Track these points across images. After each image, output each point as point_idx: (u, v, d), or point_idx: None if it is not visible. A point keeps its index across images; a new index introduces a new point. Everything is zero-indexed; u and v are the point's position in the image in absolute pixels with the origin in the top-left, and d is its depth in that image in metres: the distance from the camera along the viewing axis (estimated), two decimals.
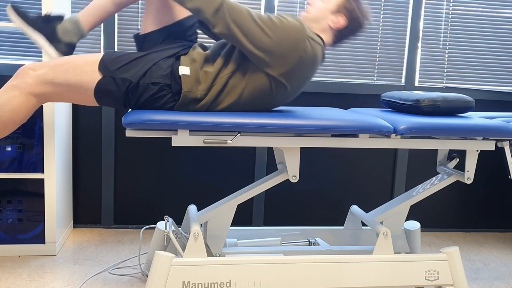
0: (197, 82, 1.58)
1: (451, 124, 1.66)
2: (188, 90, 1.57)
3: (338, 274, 1.63)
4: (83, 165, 2.49)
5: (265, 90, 1.61)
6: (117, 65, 1.56)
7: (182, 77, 1.57)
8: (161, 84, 1.57)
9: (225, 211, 1.74)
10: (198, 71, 1.59)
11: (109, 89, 1.56)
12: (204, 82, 1.59)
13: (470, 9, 2.64)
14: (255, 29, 1.52)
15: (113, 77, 1.55)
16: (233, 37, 1.52)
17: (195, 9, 1.50)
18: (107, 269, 2.03)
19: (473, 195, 2.79)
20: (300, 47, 1.56)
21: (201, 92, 1.59)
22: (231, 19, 1.50)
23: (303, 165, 2.63)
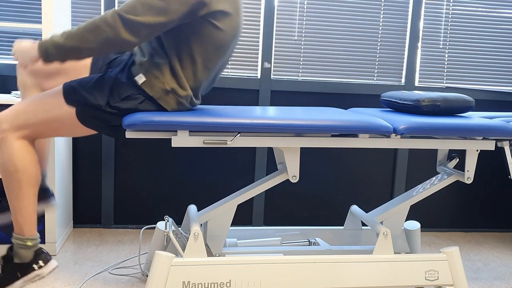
0: (157, 79, 1.55)
1: (451, 124, 1.66)
2: (156, 92, 1.55)
3: (338, 274, 1.63)
4: (83, 165, 2.49)
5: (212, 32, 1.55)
6: (81, 94, 1.55)
7: (143, 85, 1.55)
8: (134, 95, 1.55)
9: (225, 211, 1.74)
10: (151, 69, 1.55)
11: (90, 115, 1.55)
12: (164, 73, 1.55)
13: (470, 9, 2.64)
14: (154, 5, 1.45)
15: (84, 104, 1.54)
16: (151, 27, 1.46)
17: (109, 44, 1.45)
18: (107, 269, 2.03)
19: (473, 195, 2.79)
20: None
21: (169, 82, 1.55)
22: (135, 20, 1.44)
23: (303, 165, 2.63)
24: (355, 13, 2.57)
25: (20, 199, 1.56)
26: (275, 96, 2.56)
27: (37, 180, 1.59)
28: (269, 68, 2.53)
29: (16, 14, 2.32)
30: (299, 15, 2.54)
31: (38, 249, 1.63)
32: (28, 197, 1.57)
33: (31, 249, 1.61)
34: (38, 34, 2.34)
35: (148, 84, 1.55)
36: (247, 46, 2.52)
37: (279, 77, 2.56)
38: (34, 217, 1.60)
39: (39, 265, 1.61)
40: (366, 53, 2.61)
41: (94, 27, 1.42)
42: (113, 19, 1.42)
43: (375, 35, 2.60)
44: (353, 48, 2.60)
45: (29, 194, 1.57)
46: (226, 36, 1.60)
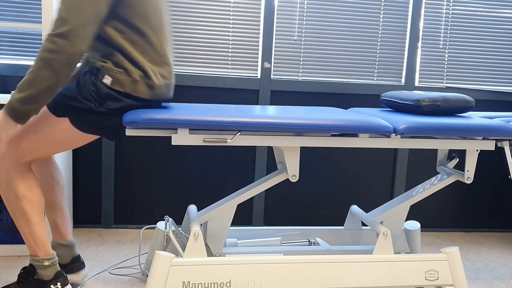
0: (121, 74, 1.53)
1: (451, 124, 1.65)
2: (127, 86, 1.53)
3: (338, 274, 1.62)
4: (83, 165, 2.49)
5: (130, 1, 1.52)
6: (67, 103, 1.53)
7: (113, 85, 1.53)
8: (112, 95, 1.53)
9: (225, 211, 1.74)
10: (112, 67, 1.53)
11: (84, 120, 1.54)
12: (124, 64, 1.53)
13: (470, 9, 2.64)
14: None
15: (76, 111, 1.53)
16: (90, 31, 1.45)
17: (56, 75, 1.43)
18: (107, 269, 2.03)
19: (473, 195, 2.79)
20: None
21: (133, 71, 1.53)
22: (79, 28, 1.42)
23: (303, 165, 2.63)
24: (355, 13, 2.57)
25: (27, 224, 1.58)
26: (275, 96, 2.56)
27: (41, 204, 1.60)
28: (269, 68, 2.53)
29: (16, 14, 2.32)
30: (299, 15, 2.54)
31: (60, 271, 1.66)
32: (35, 222, 1.59)
33: (50, 268, 1.64)
34: (38, 34, 2.34)
35: (116, 83, 1.52)
36: (247, 46, 2.52)
37: (279, 77, 2.56)
38: (45, 238, 1.63)
39: (56, 286, 1.64)
40: (366, 53, 2.61)
41: (44, 62, 1.40)
42: (53, 42, 1.40)
43: (375, 35, 2.60)
44: (353, 48, 2.60)
45: (35, 219, 1.59)
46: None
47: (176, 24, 2.46)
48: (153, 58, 1.57)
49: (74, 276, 1.81)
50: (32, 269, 1.65)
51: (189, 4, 2.45)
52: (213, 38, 2.49)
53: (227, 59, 2.52)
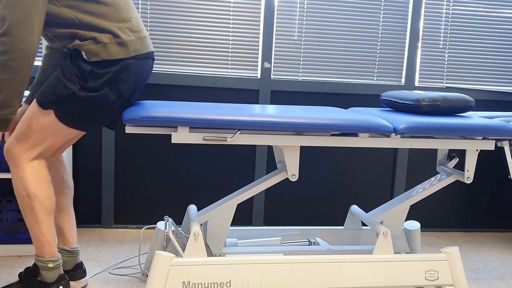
0: (91, 43, 1.51)
1: (451, 124, 1.65)
2: (102, 53, 1.50)
3: (338, 274, 1.62)
4: (83, 165, 2.49)
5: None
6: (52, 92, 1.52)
7: (90, 58, 1.50)
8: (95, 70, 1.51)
9: (225, 211, 1.74)
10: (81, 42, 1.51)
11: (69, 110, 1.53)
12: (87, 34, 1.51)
13: (470, 9, 2.64)
14: None
15: (59, 101, 1.52)
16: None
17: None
18: (107, 269, 2.03)
19: (473, 195, 2.79)
20: None
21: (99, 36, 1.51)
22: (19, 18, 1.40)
23: (303, 165, 2.63)
24: (355, 13, 2.57)
25: (36, 223, 1.58)
26: (275, 96, 2.56)
27: (51, 204, 1.60)
28: (269, 68, 2.53)
29: None
30: (299, 15, 2.54)
31: (63, 274, 1.66)
32: (43, 222, 1.59)
33: (54, 271, 1.64)
34: None
35: (91, 54, 1.50)
36: (247, 46, 2.52)
37: (279, 77, 2.56)
38: (52, 239, 1.63)
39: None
40: (366, 53, 2.61)
41: (1, 65, 1.40)
42: (4, 44, 1.39)
43: (375, 35, 2.60)
44: (353, 48, 2.60)
45: (44, 219, 1.59)
46: None
47: (176, 24, 2.46)
48: (114, 16, 1.54)
49: (75, 284, 1.81)
50: (35, 270, 1.65)
51: (189, 4, 2.46)
52: (213, 38, 2.49)
53: (227, 59, 2.52)
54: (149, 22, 2.43)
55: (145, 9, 2.42)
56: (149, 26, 2.43)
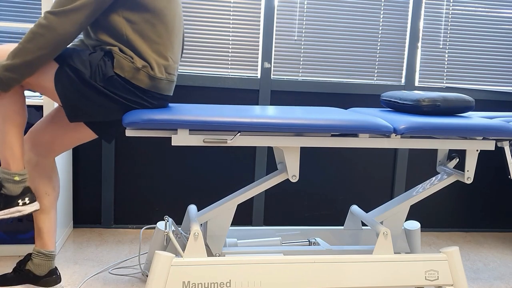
0: (126, 59, 1.53)
1: (451, 124, 1.66)
2: (128, 72, 1.52)
3: (338, 274, 1.62)
4: (83, 165, 2.49)
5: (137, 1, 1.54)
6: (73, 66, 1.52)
7: (115, 68, 1.52)
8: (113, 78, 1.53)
9: (225, 211, 1.74)
10: (118, 52, 1.53)
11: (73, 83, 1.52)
12: (128, 52, 1.54)
13: (470, 9, 2.64)
14: None
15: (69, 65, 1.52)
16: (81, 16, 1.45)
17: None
18: (107, 269, 2.03)
19: (473, 195, 2.79)
20: None
21: (136, 60, 1.54)
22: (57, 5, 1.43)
23: (303, 165, 2.63)
24: (355, 13, 2.57)
25: (4, 134, 1.55)
26: (275, 96, 2.56)
27: (23, 123, 1.57)
28: (269, 68, 2.53)
29: (16, 14, 2.32)
30: (299, 15, 2.54)
31: (27, 187, 1.61)
32: (13, 134, 1.55)
33: (19, 184, 1.58)
34: None
35: (118, 66, 1.52)
36: (247, 46, 2.52)
37: (279, 77, 2.56)
38: (20, 153, 1.58)
39: (24, 201, 1.59)
40: (366, 53, 2.61)
41: (32, 35, 1.42)
42: (46, 19, 1.42)
43: (375, 35, 2.60)
44: (353, 48, 2.60)
45: (13, 132, 1.55)
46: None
47: None
48: (159, 50, 1.56)
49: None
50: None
51: (189, 4, 2.45)
52: (213, 38, 2.49)
53: (227, 59, 2.52)
54: None
55: None
56: None
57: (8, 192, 1.59)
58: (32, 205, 1.61)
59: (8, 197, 1.59)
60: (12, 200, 1.59)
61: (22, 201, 1.59)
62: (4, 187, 1.59)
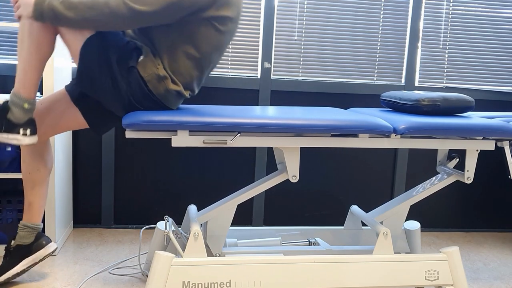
0: (152, 62, 1.57)
1: (451, 124, 1.66)
2: (148, 74, 1.56)
3: (338, 274, 1.62)
4: (83, 165, 2.49)
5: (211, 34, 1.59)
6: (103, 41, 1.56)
7: (138, 65, 1.56)
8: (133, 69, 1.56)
9: (225, 211, 1.74)
10: (150, 53, 1.59)
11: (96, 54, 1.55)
12: (159, 60, 1.58)
13: (470, 9, 2.64)
14: None
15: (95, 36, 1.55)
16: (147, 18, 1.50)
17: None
18: (107, 269, 2.03)
19: (473, 195, 2.79)
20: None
21: (162, 70, 1.58)
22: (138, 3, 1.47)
23: (303, 165, 2.63)
24: (355, 13, 2.57)
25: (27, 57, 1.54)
26: (275, 96, 2.56)
27: (47, 52, 1.57)
28: (269, 68, 2.53)
29: None
30: (299, 15, 2.54)
31: (33, 119, 1.60)
32: (35, 60, 1.55)
33: (26, 113, 1.57)
34: None
35: (142, 64, 1.55)
36: (247, 46, 2.52)
37: (279, 77, 2.56)
38: (36, 82, 1.58)
39: (25, 132, 1.57)
40: (366, 53, 2.61)
41: (96, 6, 1.44)
42: (118, 5, 1.44)
43: (375, 35, 2.60)
44: (353, 48, 2.60)
45: (36, 58, 1.55)
46: (225, 38, 1.63)
47: None
48: (182, 80, 1.62)
49: (43, 251, 1.76)
50: (5, 108, 1.58)
51: None
52: None
53: (227, 59, 2.52)
54: None
55: None
56: None
57: (13, 118, 1.56)
58: (31, 138, 1.58)
59: (12, 123, 1.57)
60: (14, 127, 1.57)
61: (23, 131, 1.57)
62: (11, 112, 1.56)
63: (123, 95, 1.56)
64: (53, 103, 1.70)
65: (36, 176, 1.74)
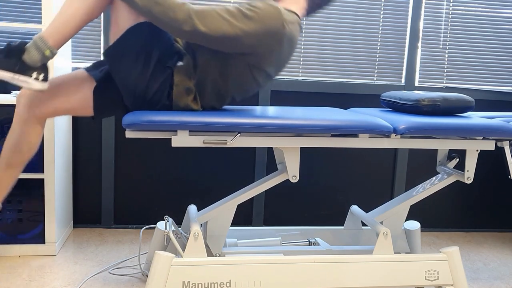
0: (187, 75, 1.59)
1: (451, 124, 1.66)
2: (179, 80, 1.58)
3: (338, 274, 1.62)
4: (83, 165, 2.49)
5: (248, 79, 1.63)
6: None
7: (176, 69, 1.58)
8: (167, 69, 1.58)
9: (225, 211, 1.74)
10: (189, 66, 1.60)
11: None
12: (193, 77, 1.61)
13: (470, 9, 2.64)
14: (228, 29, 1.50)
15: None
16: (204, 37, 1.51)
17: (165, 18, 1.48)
18: (107, 269, 2.03)
19: (473, 195, 2.79)
20: (278, 35, 1.54)
21: (193, 88, 1.60)
22: (202, 24, 1.48)
23: (303, 165, 2.63)
24: (355, 13, 2.57)
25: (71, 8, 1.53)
26: (275, 96, 2.56)
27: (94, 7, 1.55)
28: None
29: (16, 14, 2.32)
30: None
31: (47, 67, 1.57)
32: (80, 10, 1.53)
33: (44, 59, 1.53)
34: None
35: (179, 69, 1.57)
36: None
37: (279, 77, 2.56)
38: (69, 35, 1.55)
39: (37, 77, 1.54)
40: (366, 53, 2.61)
41: (164, 5, 1.44)
42: (183, 16, 1.45)
43: (375, 35, 2.60)
44: (353, 48, 2.60)
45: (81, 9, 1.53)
46: (254, 87, 1.70)
47: None
48: (204, 104, 1.67)
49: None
50: (21, 49, 1.52)
51: None
52: None
53: None
54: None
55: None
56: None
57: (28, 60, 1.51)
58: (42, 84, 1.54)
59: (26, 65, 1.52)
60: (28, 69, 1.52)
61: (36, 75, 1.53)
62: (28, 53, 1.51)
63: (141, 87, 1.56)
64: (67, 79, 1.68)
65: (15, 157, 1.68)
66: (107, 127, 2.45)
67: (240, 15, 1.50)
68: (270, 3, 1.55)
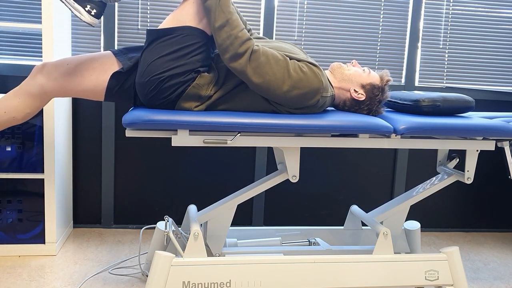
0: (206, 83, 1.61)
1: (451, 124, 1.66)
2: (198, 83, 1.59)
3: (338, 274, 1.63)
4: (83, 165, 2.49)
5: (264, 108, 1.67)
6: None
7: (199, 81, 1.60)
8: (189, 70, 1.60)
9: (225, 211, 1.74)
10: (212, 77, 1.63)
11: None
12: (211, 87, 1.62)
13: (470, 9, 2.64)
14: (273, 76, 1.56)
15: None
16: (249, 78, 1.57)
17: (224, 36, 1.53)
18: (107, 269, 2.03)
19: (473, 195, 2.79)
20: (309, 101, 1.62)
21: (207, 97, 1.61)
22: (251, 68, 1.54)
23: (303, 165, 2.63)
24: (355, 13, 2.57)
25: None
26: None
27: None
28: None
29: (16, 14, 2.32)
30: (299, 15, 2.54)
31: (105, 6, 1.60)
32: None
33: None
34: (38, 34, 2.34)
35: (202, 75, 1.59)
36: None
37: None
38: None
39: (90, 10, 1.56)
40: (366, 53, 2.61)
41: (232, 31, 1.52)
42: (241, 53, 1.53)
43: (375, 35, 2.60)
44: (353, 48, 2.60)
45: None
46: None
47: None
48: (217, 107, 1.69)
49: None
50: None
51: None
52: None
53: None
54: (149, 22, 2.43)
55: (145, 9, 2.42)
56: (148, 27, 2.43)
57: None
58: (92, 18, 1.57)
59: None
60: (85, 0, 1.55)
61: (90, 7, 1.55)
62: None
63: (165, 71, 1.56)
64: (89, 60, 1.68)
65: (5, 118, 1.66)
66: (107, 127, 2.45)
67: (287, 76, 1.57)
68: (319, 72, 1.62)
